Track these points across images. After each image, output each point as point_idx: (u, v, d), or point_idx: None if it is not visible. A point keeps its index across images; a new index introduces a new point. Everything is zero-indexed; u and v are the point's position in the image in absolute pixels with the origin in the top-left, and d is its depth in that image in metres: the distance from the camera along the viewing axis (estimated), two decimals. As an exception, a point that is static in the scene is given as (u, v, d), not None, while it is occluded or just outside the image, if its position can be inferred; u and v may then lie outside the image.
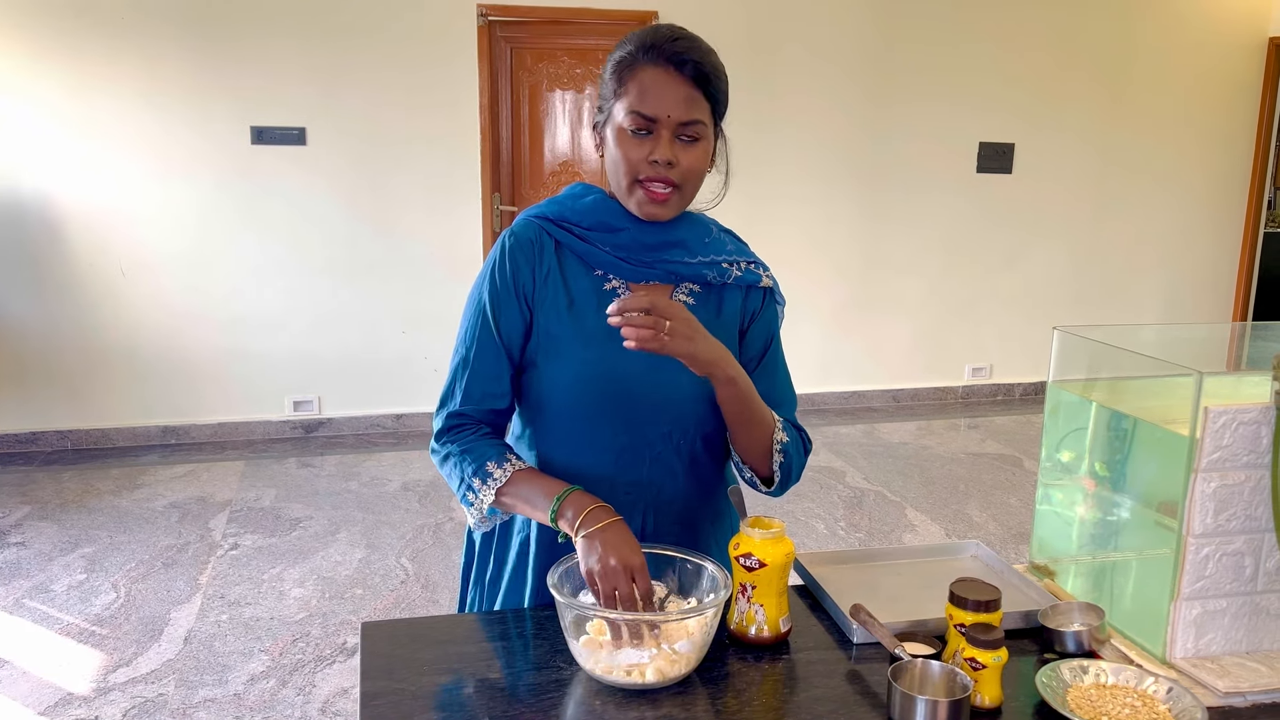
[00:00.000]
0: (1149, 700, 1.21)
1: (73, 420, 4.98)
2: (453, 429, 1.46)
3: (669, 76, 1.34)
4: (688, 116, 1.35)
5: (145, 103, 4.74)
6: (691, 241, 1.46)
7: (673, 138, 1.36)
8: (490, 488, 1.39)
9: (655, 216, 1.41)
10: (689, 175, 1.39)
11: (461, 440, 1.44)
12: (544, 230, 1.45)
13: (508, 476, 1.39)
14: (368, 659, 1.30)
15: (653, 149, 1.36)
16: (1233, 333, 2.57)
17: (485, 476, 1.40)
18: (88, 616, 3.31)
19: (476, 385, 1.45)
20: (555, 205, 1.48)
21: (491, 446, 1.43)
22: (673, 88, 1.34)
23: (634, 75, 1.36)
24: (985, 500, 4.52)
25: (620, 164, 1.38)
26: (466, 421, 1.46)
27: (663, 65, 1.34)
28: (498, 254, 1.46)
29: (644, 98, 1.35)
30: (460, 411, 1.46)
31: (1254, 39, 6.12)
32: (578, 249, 1.45)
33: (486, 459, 1.41)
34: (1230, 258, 6.45)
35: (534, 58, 5.22)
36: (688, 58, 1.35)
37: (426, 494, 4.44)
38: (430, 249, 5.19)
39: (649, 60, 1.35)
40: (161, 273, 4.91)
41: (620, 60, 1.38)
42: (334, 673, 2.99)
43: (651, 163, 1.36)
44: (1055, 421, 1.62)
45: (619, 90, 1.37)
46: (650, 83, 1.35)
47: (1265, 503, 1.32)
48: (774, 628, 1.35)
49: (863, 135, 5.64)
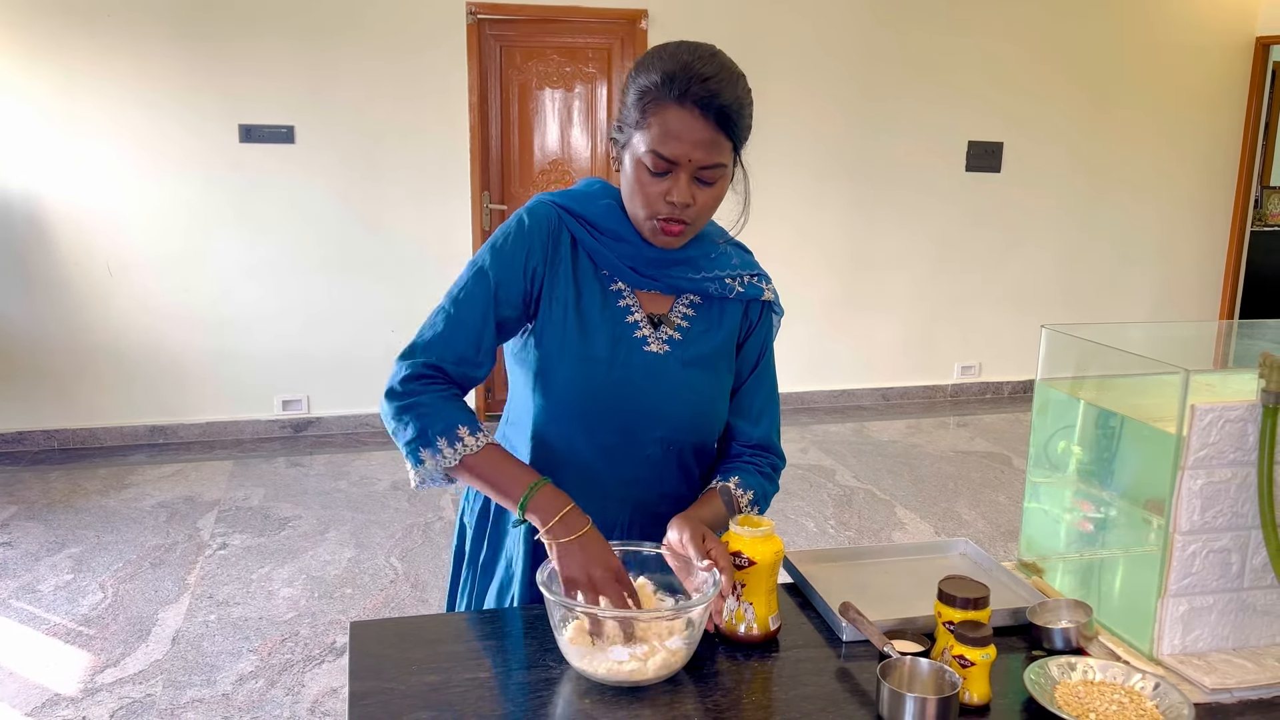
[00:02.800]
0: (1136, 697, 1.22)
1: (60, 420, 4.95)
2: (423, 378, 1.40)
3: (693, 119, 1.32)
4: (708, 161, 1.34)
5: (133, 101, 4.71)
6: (698, 259, 1.47)
7: (691, 179, 1.35)
8: (457, 452, 1.36)
9: (668, 246, 1.42)
10: (704, 211, 1.39)
11: (432, 393, 1.39)
12: (562, 220, 1.45)
13: (479, 447, 1.37)
14: (356, 659, 1.29)
15: (670, 189, 1.35)
16: (1220, 331, 2.58)
17: (454, 440, 1.36)
18: (75, 617, 3.29)
19: (456, 344, 1.41)
20: (573, 198, 1.47)
21: (463, 410, 1.39)
22: (695, 131, 1.32)
23: (658, 112, 1.33)
24: (974, 498, 4.54)
25: (637, 196, 1.38)
26: (439, 376, 1.41)
27: (688, 108, 1.31)
28: (514, 227, 1.44)
29: (665, 140, 1.33)
30: (435, 364, 1.40)
31: (1241, 39, 6.15)
32: (589, 246, 1.45)
33: (458, 422, 1.37)
34: (1217, 256, 6.48)
35: (523, 56, 5.21)
36: (714, 103, 1.31)
37: (416, 493, 4.43)
38: (419, 247, 5.17)
39: (674, 100, 1.32)
40: (149, 272, 4.89)
41: (645, 90, 1.34)
42: (323, 672, 2.98)
43: (669, 203, 1.36)
44: (1043, 420, 1.63)
45: (641, 122, 1.35)
46: (674, 124, 1.32)
47: (1251, 500, 1.32)
48: (763, 626, 1.35)
49: (852, 134, 5.65)
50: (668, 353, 1.45)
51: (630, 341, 1.44)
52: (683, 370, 1.45)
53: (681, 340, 1.46)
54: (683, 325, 1.47)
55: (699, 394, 1.47)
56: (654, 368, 1.44)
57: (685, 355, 1.46)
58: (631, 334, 1.44)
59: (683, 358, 1.46)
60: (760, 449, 1.55)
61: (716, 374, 1.49)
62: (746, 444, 1.54)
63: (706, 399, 1.49)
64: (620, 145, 1.41)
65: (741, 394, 1.54)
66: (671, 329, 1.46)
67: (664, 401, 1.45)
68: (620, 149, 1.41)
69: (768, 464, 1.55)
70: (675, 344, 1.46)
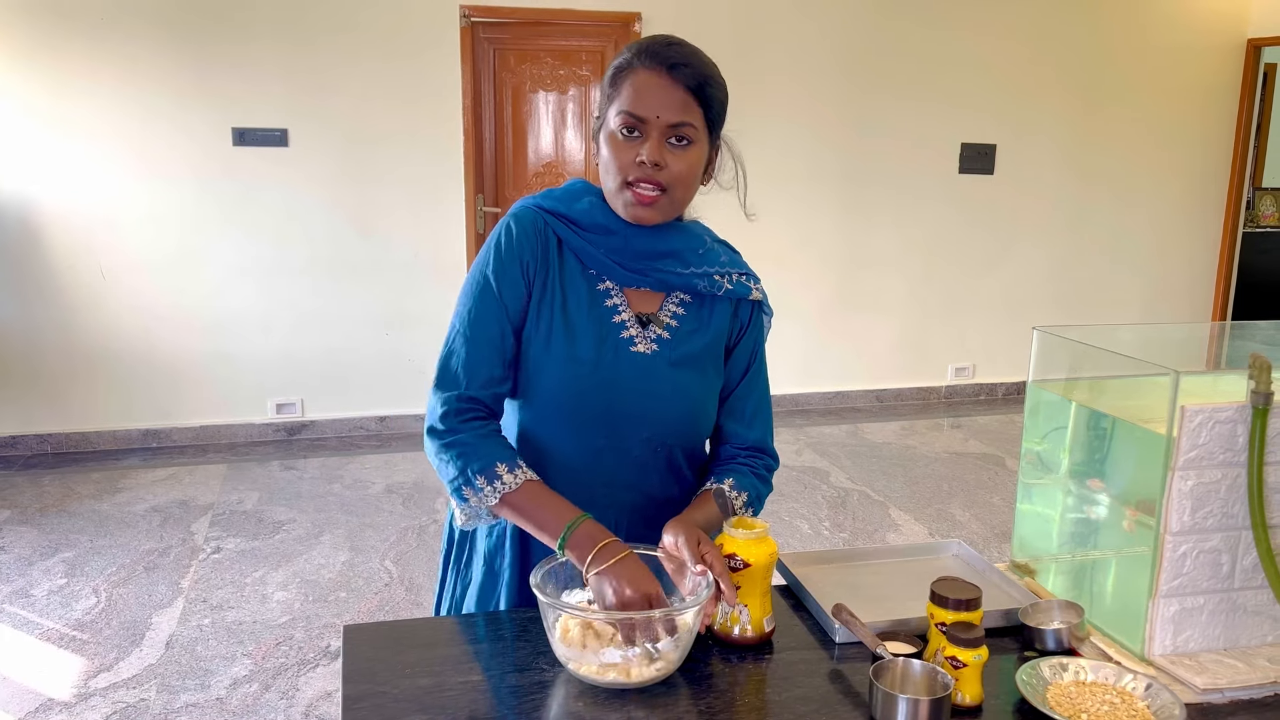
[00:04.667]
0: (1128, 697, 1.22)
1: (53, 424, 4.94)
2: (461, 413, 1.40)
3: (661, 79, 1.36)
4: (678, 119, 1.36)
5: (127, 104, 4.71)
6: (685, 252, 1.46)
7: (662, 140, 1.36)
8: (496, 491, 1.37)
9: (642, 219, 1.40)
10: (677, 179, 1.38)
11: (471, 430, 1.40)
12: (547, 223, 1.45)
13: (518, 484, 1.37)
14: (350, 662, 1.29)
15: (640, 149, 1.36)
16: (1212, 332, 2.59)
17: (493, 478, 1.37)
18: (68, 621, 3.29)
19: (482, 367, 1.42)
20: (555, 199, 1.47)
21: (502, 447, 1.40)
22: (664, 90, 1.35)
23: (627, 78, 1.37)
24: (968, 499, 4.54)
25: (610, 165, 1.39)
26: (477, 409, 1.42)
27: (655, 69, 1.36)
28: (502, 233, 1.45)
29: (634, 98, 1.36)
30: (469, 395, 1.41)
31: (1232, 40, 6.18)
32: (575, 245, 1.45)
33: (497, 459, 1.38)
34: (1210, 258, 6.50)
35: (517, 59, 5.21)
36: (680, 62, 1.36)
37: (410, 496, 4.43)
38: (413, 250, 5.17)
39: (643, 64, 1.37)
40: (142, 275, 4.88)
41: (617, 66, 1.39)
42: (317, 676, 2.97)
43: (639, 163, 1.36)
44: (1035, 421, 1.63)
45: (612, 94, 1.38)
46: (642, 85, 1.36)
47: (1241, 500, 1.33)
48: (757, 628, 1.35)
49: (845, 135, 5.66)
50: (655, 352, 1.45)
51: (617, 342, 1.44)
52: (670, 370, 1.45)
53: (670, 340, 1.46)
54: (671, 324, 1.47)
55: (687, 394, 1.47)
56: (641, 368, 1.44)
57: (673, 355, 1.46)
58: (618, 334, 1.44)
59: (670, 358, 1.46)
60: (754, 451, 1.55)
61: (704, 374, 1.49)
62: (741, 446, 1.54)
63: (694, 399, 1.48)
64: (597, 131, 1.43)
65: (734, 397, 1.54)
66: (660, 328, 1.46)
67: (651, 402, 1.45)
68: (598, 135, 1.43)
69: (762, 465, 1.55)
70: (663, 343, 1.46)
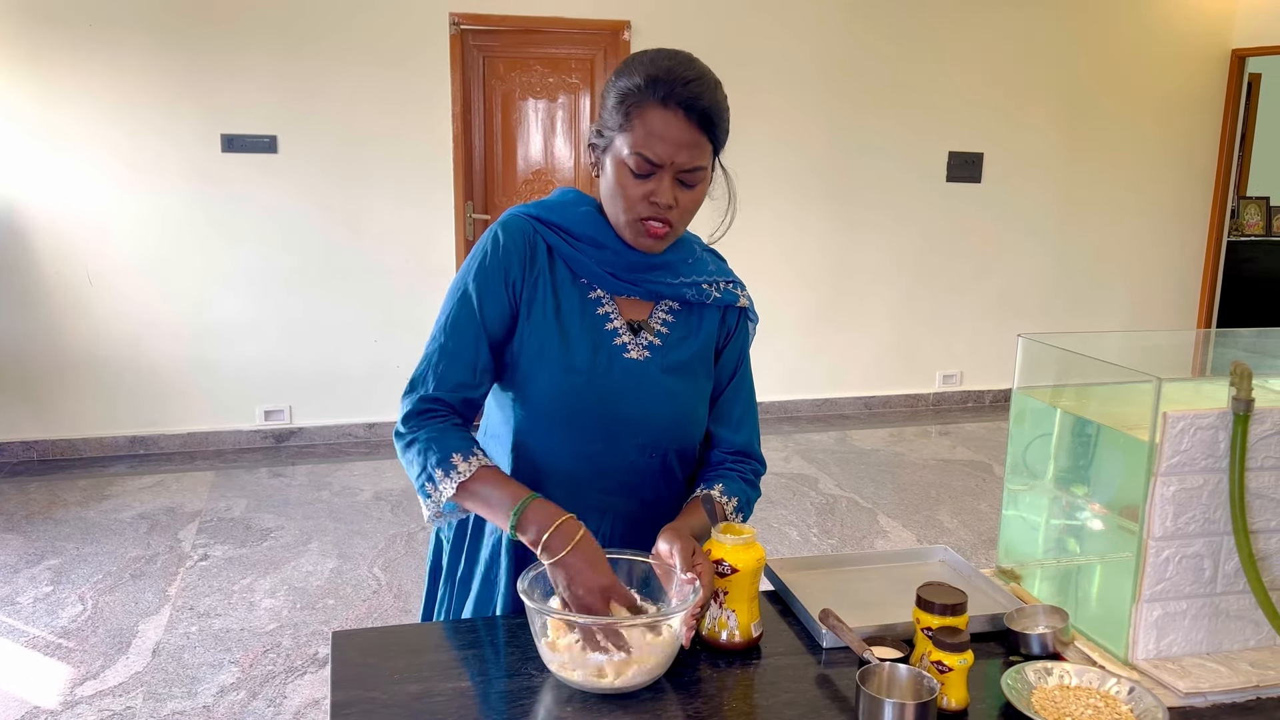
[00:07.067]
0: (1111, 701, 1.23)
1: (39, 430, 4.92)
2: (423, 414, 1.43)
3: (676, 121, 1.34)
4: (692, 164, 1.36)
5: (114, 111, 4.70)
6: (676, 264, 1.48)
7: (673, 180, 1.37)
8: (452, 480, 1.37)
9: (651, 250, 1.43)
10: (685, 214, 1.41)
11: (430, 427, 1.41)
12: (536, 231, 1.46)
13: (472, 471, 1.37)
14: (338, 669, 1.29)
15: (654, 190, 1.36)
16: (1196, 339, 2.61)
17: (449, 469, 1.37)
18: (54, 629, 3.27)
19: (452, 372, 1.43)
20: (547, 209, 1.48)
21: (459, 438, 1.41)
22: (678, 133, 1.34)
23: (641, 114, 1.35)
24: (956, 506, 4.56)
25: (620, 199, 1.39)
26: (439, 408, 1.43)
27: (671, 109, 1.34)
28: (489, 244, 1.45)
29: (649, 141, 1.34)
30: (434, 396, 1.43)
31: (1217, 51, 6.23)
32: (566, 254, 1.45)
33: (452, 450, 1.38)
34: (1195, 265, 6.55)
35: (506, 66, 5.22)
36: (696, 105, 1.34)
37: (399, 503, 4.42)
38: (402, 257, 5.17)
39: (657, 101, 1.34)
40: (130, 282, 4.86)
41: (628, 92, 1.36)
42: (305, 684, 2.96)
43: (652, 203, 1.37)
44: (1021, 428, 1.64)
45: (624, 125, 1.36)
46: (657, 126, 1.34)
47: (1223, 506, 1.34)
48: (745, 633, 1.36)
49: (833, 144, 5.69)
50: (648, 359, 1.46)
51: (610, 349, 1.45)
52: (663, 376, 1.47)
53: (661, 346, 1.47)
54: (662, 331, 1.48)
55: (679, 399, 1.48)
56: (634, 374, 1.45)
57: (665, 361, 1.47)
58: (611, 341, 1.45)
59: (662, 364, 1.47)
60: (742, 455, 1.56)
61: (695, 380, 1.50)
62: (728, 451, 1.56)
63: (687, 404, 1.50)
64: (600, 150, 1.42)
65: (721, 401, 1.56)
66: (651, 335, 1.47)
67: (645, 408, 1.46)
68: (600, 153, 1.42)
69: (750, 470, 1.56)
70: (655, 350, 1.47)
